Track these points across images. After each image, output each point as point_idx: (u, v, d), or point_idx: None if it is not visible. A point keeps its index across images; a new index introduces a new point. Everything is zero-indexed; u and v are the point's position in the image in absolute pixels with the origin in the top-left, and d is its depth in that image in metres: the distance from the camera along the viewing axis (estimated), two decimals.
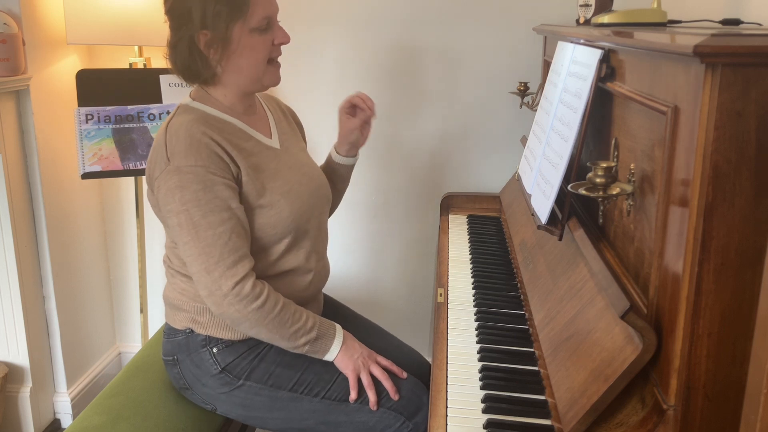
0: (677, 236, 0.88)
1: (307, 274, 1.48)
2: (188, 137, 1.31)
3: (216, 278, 1.30)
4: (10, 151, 2.02)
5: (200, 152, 1.30)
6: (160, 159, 1.32)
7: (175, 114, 1.39)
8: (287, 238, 1.42)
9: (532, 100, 2.06)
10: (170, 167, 1.30)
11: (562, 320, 1.19)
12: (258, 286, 1.32)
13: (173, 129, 1.33)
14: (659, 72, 0.96)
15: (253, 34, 1.36)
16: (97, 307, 2.49)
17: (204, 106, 1.41)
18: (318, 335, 1.38)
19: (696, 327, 0.85)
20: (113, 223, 2.52)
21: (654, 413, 0.91)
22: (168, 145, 1.32)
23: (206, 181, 1.30)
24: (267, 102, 1.59)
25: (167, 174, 1.30)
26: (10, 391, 2.14)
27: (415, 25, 2.24)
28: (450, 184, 2.36)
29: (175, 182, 1.30)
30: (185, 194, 1.29)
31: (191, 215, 1.29)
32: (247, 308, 1.31)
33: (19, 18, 1.99)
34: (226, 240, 1.30)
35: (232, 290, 1.30)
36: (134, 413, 1.43)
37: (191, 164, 1.29)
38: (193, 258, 1.31)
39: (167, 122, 1.37)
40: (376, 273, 2.49)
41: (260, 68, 1.40)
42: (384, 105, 2.33)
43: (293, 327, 1.35)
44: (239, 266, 1.31)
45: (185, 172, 1.29)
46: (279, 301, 1.35)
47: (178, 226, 1.31)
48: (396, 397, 1.39)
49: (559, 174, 1.28)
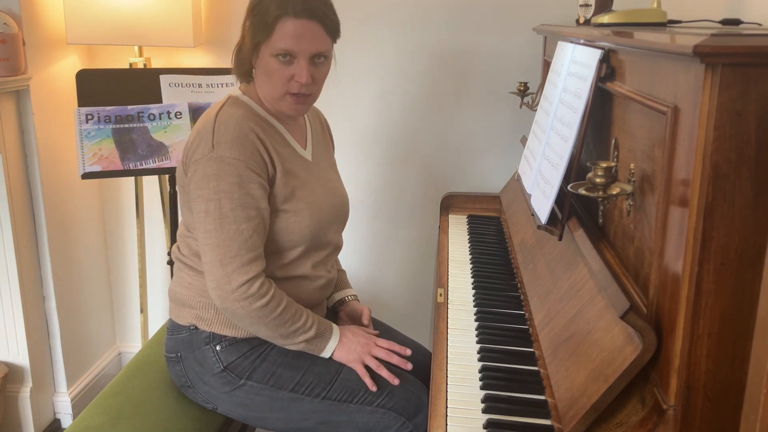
0: (677, 236, 0.88)
1: (315, 281, 1.49)
2: (237, 129, 1.33)
3: (229, 272, 1.32)
4: (10, 151, 2.02)
5: (245, 147, 1.32)
6: (204, 144, 1.34)
7: (225, 103, 1.41)
8: (301, 246, 1.44)
9: (532, 100, 2.06)
10: (213, 154, 1.32)
11: (562, 320, 1.19)
12: (265, 285, 1.34)
13: (223, 118, 1.35)
14: (659, 72, 0.96)
15: (273, 59, 1.36)
16: (97, 307, 2.49)
17: (251, 101, 1.44)
18: (316, 334, 1.40)
19: (696, 327, 0.85)
20: (113, 223, 2.52)
21: (654, 413, 0.91)
22: (216, 132, 1.33)
23: (243, 176, 1.32)
24: (310, 112, 1.61)
25: (208, 160, 1.32)
26: (10, 391, 2.14)
27: (414, 26, 2.24)
28: (450, 184, 2.36)
29: (214, 170, 1.31)
30: (221, 184, 1.31)
31: (221, 205, 1.31)
32: (251, 306, 1.32)
33: (19, 18, 1.99)
34: (247, 237, 1.32)
35: (241, 287, 1.32)
36: (134, 413, 1.43)
37: (234, 156, 1.31)
38: (210, 247, 1.33)
39: (217, 110, 1.39)
40: (376, 273, 2.49)
41: (276, 93, 1.39)
42: (384, 105, 2.33)
43: (293, 327, 1.37)
44: (253, 265, 1.33)
45: (226, 163, 1.31)
46: (282, 302, 1.36)
47: (205, 212, 1.33)
48: (396, 382, 1.40)
49: (559, 174, 1.28)
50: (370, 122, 2.35)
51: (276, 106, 1.43)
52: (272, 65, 1.36)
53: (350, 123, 2.35)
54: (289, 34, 1.33)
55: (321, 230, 1.46)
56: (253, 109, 1.43)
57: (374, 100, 2.33)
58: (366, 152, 2.38)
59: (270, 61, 1.36)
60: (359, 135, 2.37)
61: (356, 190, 2.41)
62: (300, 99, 1.40)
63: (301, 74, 1.36)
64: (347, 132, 2.36)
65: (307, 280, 1.47)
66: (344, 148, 2.38)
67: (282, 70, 1.36)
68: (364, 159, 2.39)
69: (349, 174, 2.39)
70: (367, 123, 2.35)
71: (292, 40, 1.33)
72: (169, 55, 2.35)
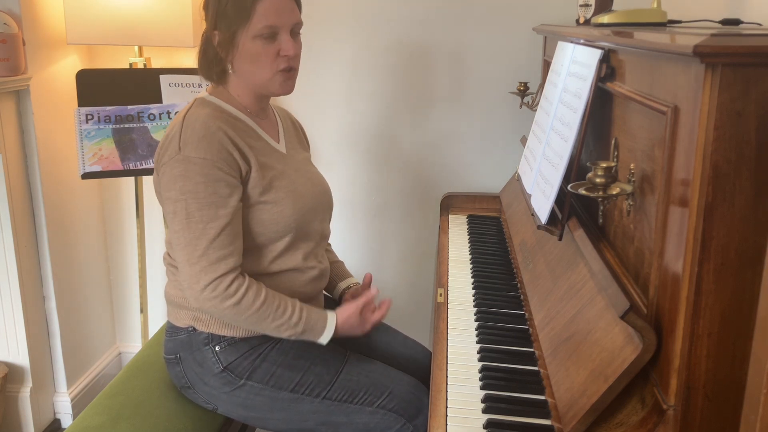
0: (677, 236, 0.88)
1: (306, 273, 1.48)
2: (203, 129, 1.34)
3: (196, 271, 1.32)
4: (10, 151, 2.02)
5: (212, 146, 1.33)
6: (171, 146, 1.35)
7: (192, 106, 1.42)
8: (287, 237, 1.43)
9: (532, 100, 2.06)
10: (179, 156, 1.32)
11: (562, 320, 1.19)
12: (235, 284, 1.33)
13: (190, 120, 1.36)
14: (659, 72, 0.96)
15: (256, 41, 1.37)
16: (97, 307, 2.49)
17: (219, 101, 1.44)
18: (304, 329, 1.39)
19: (696, 327, 0.85)
20: (113, 223, 2.52)
21: (654, 413, 0.91)
22: (182, 134, 1.34)
23: (210, 175, 1.32)
24: (279, 112, 1.62)
25: (175, 162, 1.33)
26: (10, 391, 2.14)
27: (415, 26, 2.24)
28: (450, 184, 2.36)
29: (180, 171, 1.32)
30: (187, 184, 1.31)
31: (187, 205, 1.32)
32: (222, 304, 1.33)
33: (19, 18, 1.99)
34: (215, 236, 1.32)
35: (208, 285, 1.32)
36: (134, 413, 1.43)
37: (200, 156, 1.32)
38: (180, 247, 1.34)
39: (184, 112, 1.39)
40: (376, 273, 2.49)
41: (264, 75, 1.40)
42: (384, 105, 2.33)
43: (274, 323, 1.36)
44: (221, 263, 1.32)
45: (192, 163, 1.31)
46: (258, 299, 1.35)
47: (173, 213, 1.34)
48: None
49: (559, 174, 1.28)
50: (370, 122, 2.35)
51: (265, 90, 1.43)
52: (256, 48, 1.37)
53: (351, 123, 2.36)
54: (270, 10, 1.35)
55: (305, 219, 1.46)
56: (221, 107, 1.43)
57: (374, 100, 2.33)
58: (366, 152, 2.38)
59: (252, 44, 1.37)
60: (360, 135, 2.37)
61: (356, 190, 2.41)
62: (288, 75, 1.42)
63: (288, 47, 1.39)
64: (348, 132, 2.37)
65: (298, 272, 1.47)
66: (344, 148, 2.38)
67: (267, 49, 1.38)
68: (365, 159, 2.39)
69: (349, 174, 2.40)
70: (368, 123, 2.35)
71: (274, 15, 1.36)
72: (169, 55, 2.35)
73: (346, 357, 1.47)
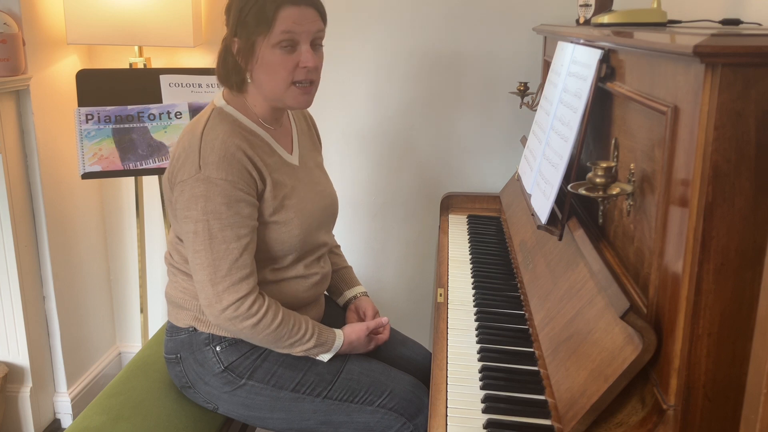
0: (677, 236, 0.88)
1: (308, 279, 1.49)
2: (223, 149, 1.32)
3: (219, 292, 1.32)
4: (10, 151, 2.02)
5: (232, 166, 1.31)
6: (190, 163, 1.32)
7: (209, 118, 1.38)
8: (292, 254, 1.44)
9: (532, 100, 2.06)
10: (200, 175, 1.31)
11: (562, 320, 1.19)
12: (257, 304, 1.34)
13: (210, 137, 1.33)
14: (659, 72, 0.96)
15: (275, 51, 1.34)
16: (97, 307, 2.49)
17: (236, 112, 1.41)
18: (316, 344, 1.41)
19: (696, 327, 0.85)
20: (113, 223, 2.52)
21: (654, 413, 0.91)
22: (202, 152, 1.32)
23: (232, 196, 1.31)
24: (294, 112, 1.60)
25: (195, 181, 1.31)
26: (10, 391, 2.14)
27: (415, 26, 2.24)
28: (450, 184, 2.36)
29: (202, 191, 1.31)
30: (209, 205, 1.31)
31: (210, 226, 1.31)
32: (241, 324, 1.34)
33: (19, 18, 1.99)
34: (237, 256, 1.32)
35: (231, 305, 1.32)
36: (134, 413, 1.43)
37: (221, 177, 1.31)
38: (201, 267, 1.33)
39: (203, 126, 1.36)
40: (376, 273, 2.49)
41: (280, 87, 1.37)
42: (384, 105, 2.33)
43: (289, 340, 1.38)
44: (243, 284, 1.33)
45: (214, 184, 1.30)
46: (276, 318, 1.36)
47: (194, 233, 1.32)
48: None
49: (559, 174, 1.28)
50: (370, 122, 2.35)
51: (280, 102, 1.40)
52: (275, 57, 1.34)
53: (350, 123, 2.36)
54: (291, 19, 1.33)
55: (311, 236, 1.47)
56: (238, 121, 1.40)
57: (374, 100, 2.33)
58: (366, 152, 2.38)
59: (271, 54, 1.34)
60: (359, 135, 2.37)
61: (356, 191, 2.41)
62: (305, 89, 1.39)
63: (306, 58, 1.35)
64: (347, 132, 2.37)
65: (301, 279, 1.48)
66: (344, 148, 2.38)
67: (286, 59, 1.35)
68: (365, 159, 2.39)
69: (349, 174, 2.40)
70: (368, 123, 2.35)
71: (294, 24, 1.33)
72: (169, 55, 2.35)
73: (347, 357, 1.47)
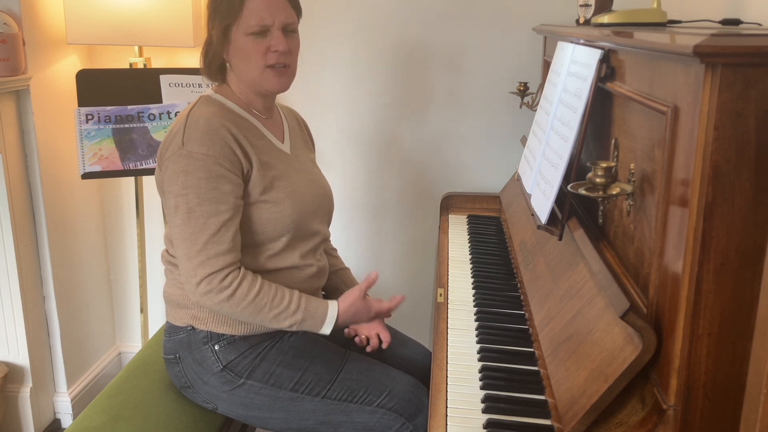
0: (677, 236, 0.88)
1: (304, 270, 1.49)
2: (207, 126, 1.35)
3: (194, 265, 1.33)
4: (10, 151, 2.02)
5: (214, 142, 1.34)
6: (174, 141, 1.36)
7: (197, 103, 1.43)
8: (285, 237, 1.44)
9: (532, 100, 2.06)
10: (182, 151, 1.34)
11: (562, 320, 1.19)
12: (230, 276, 1.34)
13: (194, 116, 1.37)
14: (659, 72, 0.96)
15: (247, 38, 1.39)
16: (97, 307, 2.49)
17: (224, 99, 1.46)
18: (304, 317, 1.39)
19: (696, 327, 0.85)
20: (113, 223, 2.52)
21: (654, 413, 0.91)
22: (186, 130, 1.35)
23: (212, 171, 1.33)
24: (285, 111, 1.63)
25: (178, 156, 1.34)
26: (10, 391, 2.14)
27: (415, 26, 2.24)
28: (450, 184, 2.36)
29: (183, 166, 1.33)
30: (189, 179, 1.33)
31: (188, 200, 1.33)
32: (216, 297, 1.34)
33: (19, 18, 1.99)
34: (214, 231, 1.33)
35: (204, 279, 1.33)
36: (134, 413, 1.43)
37: (203, 152, 1.33)
38: (179, 241, 1.35)
39: (189, 109, 1.41)
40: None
41: (255, 71, 1.41)
42: (384, 105, 2.33)
43: (272, 312, 1.37)
44: (219, 258, 1.33)
45: (195, 158, 1.33)
46: (253, 288, 1.35)
47: (174, 207, 1.35)
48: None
49: (559, 174, 1.28)
50: (370, 122, 2.35)
51: (258, 87, 1.44)
52: (247, 44, 1.39)
53: (350, 123, 2.35)
54: (260, 7, 1.37)
55: (304, 220, 1.46)
56: (226, 105, 1.44)
57: (374, 100, 2.33)
58: (366, 152, 2.38)
59: (244, 41, 1.39)
60: (359, 135, 2.37)
61: (356, 190, 2.41)
62: (280, 71, 1.42)
63: (277, 43, 1.39)
64: (347, 132, 2.37)
65: (296, 270, 1.48)
66: (344, 148, 2.38)
67: (257, 45, 1.39)
68: (365, 159, 2.39)
69: (349, 174, 2.40)
70: (368, 123, 2.35)
71: (263, 11, 1.38)
72: (169, 55, 2.35)
73: (346, 356, 1.47)
